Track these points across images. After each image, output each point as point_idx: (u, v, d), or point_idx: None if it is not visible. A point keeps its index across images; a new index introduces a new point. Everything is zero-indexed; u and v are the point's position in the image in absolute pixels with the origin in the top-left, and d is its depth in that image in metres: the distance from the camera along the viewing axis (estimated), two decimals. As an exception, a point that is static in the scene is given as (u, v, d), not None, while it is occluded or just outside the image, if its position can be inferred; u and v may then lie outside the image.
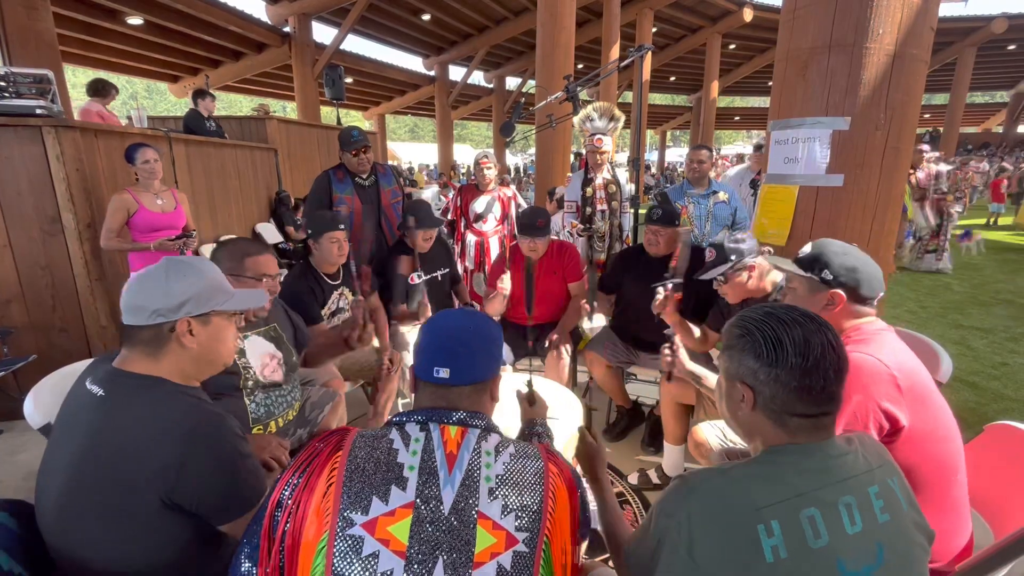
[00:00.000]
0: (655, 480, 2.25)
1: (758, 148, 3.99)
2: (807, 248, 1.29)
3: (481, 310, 2.67)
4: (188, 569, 0.99)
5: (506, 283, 2.50)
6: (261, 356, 1.65)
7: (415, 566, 0.72)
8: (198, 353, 1.04)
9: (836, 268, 1.20)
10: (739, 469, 0.80)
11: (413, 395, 0.93)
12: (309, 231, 2.30)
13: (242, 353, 1.61)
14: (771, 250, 1.83)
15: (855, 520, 0.76)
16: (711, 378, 1.76)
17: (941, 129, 16.31)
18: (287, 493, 0.79)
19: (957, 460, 1.12)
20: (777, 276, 1.89)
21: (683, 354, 1.63)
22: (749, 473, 0.78)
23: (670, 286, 2.08)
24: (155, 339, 1.00)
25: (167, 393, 0.99)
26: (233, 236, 5.11)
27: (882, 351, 1.11)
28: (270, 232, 5.94)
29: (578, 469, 1.18)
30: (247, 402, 1.59)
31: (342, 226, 2.30)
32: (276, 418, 1.66)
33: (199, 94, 5.49)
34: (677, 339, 1.65)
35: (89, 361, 1.13)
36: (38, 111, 2.69)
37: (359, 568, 0.71)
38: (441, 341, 0.90)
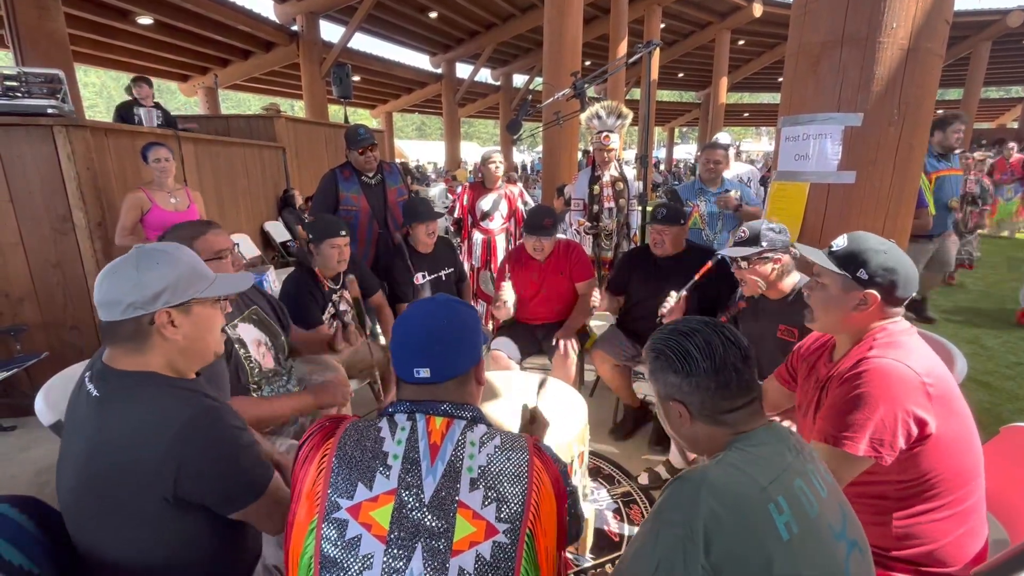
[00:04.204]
0: (665, 476, 2.23)
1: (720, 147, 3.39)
2: (842, 241, 1.18)
3: (488, 309, 2.67)
4: (207, 562, 1.00)
5: (507, 295, 2.48)
6: (252, 343, 1.66)
7: (395, 550, 0.74)
8: (184, 345, 0.99)
9: (874, 268, 1.11)
10: (727, 458, 0.80)
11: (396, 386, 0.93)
12: (311, 236, 2.26)
13: (242, 344, 1.62)
14: (797, 253, 1.78)
15: (822, 484, 0.81)
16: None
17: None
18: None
19: (978, 466, 1.10)
20: (795, 278, 1.85)
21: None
22: (739, 459, 0.79)
23: (684, 293, 2.09)
24: (136, 333, 0.95)
25: (159, 389, 0.95)
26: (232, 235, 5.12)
27: (911, 357, 1.07)
28: (278, 230, 5.98)
29: (572, 470, 1.15)
30: (256, 396, 1.62)
31: (344, 232, 2.25)
32: None
33: (132, 81, 4.93)
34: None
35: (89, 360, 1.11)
36: (49, 111, 2.71)
37: (342, 550, 0.74)
38: (417, 340, 0.88)
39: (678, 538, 0.72)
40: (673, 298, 2.07)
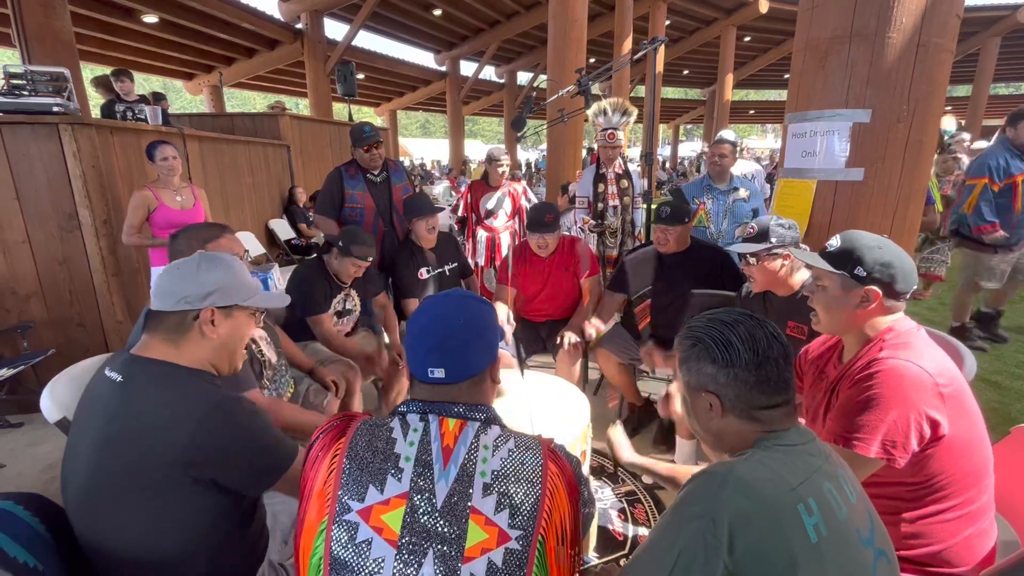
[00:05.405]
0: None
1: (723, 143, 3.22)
2: (835, 241, 1.18)
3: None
4: (216, 555, 1.02)
5: (508, 335, 2.49)
6: (261, 339, 1.71)
7: (405, 555, 0.73)
8: (217, 344, 1.07)
9: (870, 264, 1.11)
10: (755, 457, 0.77)
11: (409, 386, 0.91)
12: (340, 243, 2.33)
13: (253, 339, 1.65)
14: (805, 247, 1.75)
15: (852, 491, 0.79)
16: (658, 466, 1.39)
17: (963, 121, 15.90)
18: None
19: (987, 465, 1.09)
20: (804, 275, 1.82)
21: (624, 452, 1.34)
22: (767, 457, 0.76)
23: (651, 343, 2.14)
24: (179, 326, 1.03)
25: (184, 377, 1.02)
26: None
27: (922, 357, 1.06)
28: (283, 229, 5.99)
29: (584, 467, 1.14)
30: (263, 392, 1.65)
31: (371, 258, 2.36)
32: (282, 397, 1.72)
33: (113, 75, 4.76)
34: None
35: (104, 356, 1.15)
36: (55, 108, 2.72)
37: (352, 554, 0.73)
38: (432, 339, 0.84)
39: (700, 530, 0.69)
40: (648, 345, 2.11)
